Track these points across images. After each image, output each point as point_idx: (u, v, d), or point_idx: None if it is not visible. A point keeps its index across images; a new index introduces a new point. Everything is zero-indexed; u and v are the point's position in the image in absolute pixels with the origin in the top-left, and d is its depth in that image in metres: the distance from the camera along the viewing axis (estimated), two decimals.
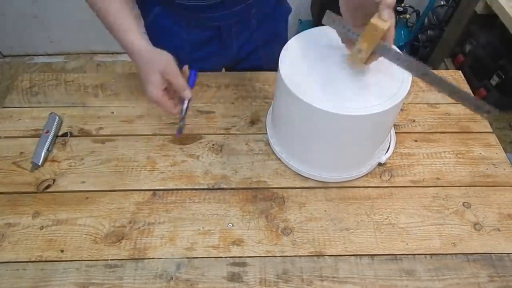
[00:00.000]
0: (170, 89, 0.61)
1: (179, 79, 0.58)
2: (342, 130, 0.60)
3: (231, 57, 0.89)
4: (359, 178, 0.70)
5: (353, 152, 0.66)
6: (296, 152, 0.69)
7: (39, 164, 0.70)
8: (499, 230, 0.63)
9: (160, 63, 0.57)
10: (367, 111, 0.55)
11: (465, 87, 0.87)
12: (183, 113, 0.58)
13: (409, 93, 0.85)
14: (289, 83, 0.58)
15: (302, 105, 0.57)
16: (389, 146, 0.72)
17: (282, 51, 0.63)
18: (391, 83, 0.60)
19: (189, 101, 0.59)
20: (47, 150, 0.72)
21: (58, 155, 0.73)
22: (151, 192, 0.68)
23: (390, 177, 0.70)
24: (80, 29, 2.07)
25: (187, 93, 0.59)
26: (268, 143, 0.75)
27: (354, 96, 0.58)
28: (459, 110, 0.82)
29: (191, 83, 0.68)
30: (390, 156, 0.71)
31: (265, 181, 0.69)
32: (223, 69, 0.96)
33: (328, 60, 0.62)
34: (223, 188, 0.68)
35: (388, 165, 0.72)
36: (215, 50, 0.86)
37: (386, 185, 0.69)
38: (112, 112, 0.80)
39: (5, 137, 0.76)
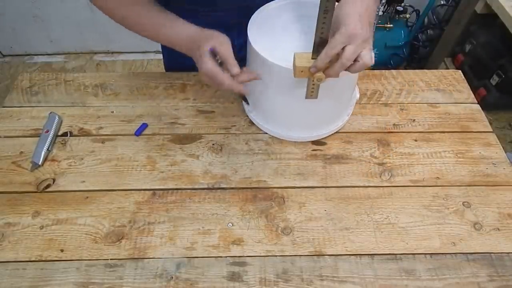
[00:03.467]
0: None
1: (230, 57, 0.56)
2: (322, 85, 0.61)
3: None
4: (358, 178, 0.70)
5: (328, 106, 0.70)
6: (273, 116, 0.72)
7: (39, 163, 0.70)
8: (499, 229, 0.63)
9: (216, 38, 0.57)
10: None
11: (465, 86, 0.87)
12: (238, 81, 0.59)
13: (408, 92, 0.86)
14: (257, 47, 0.61)
15: (271, 67, 0.60)
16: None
17: (252, 17, 0.67)
18: None
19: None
20: (47, 149, 0.72)
21: (58, 154, 0.73)
22: (151, 191, 0.68)
23: (390, 176, 0.70)
24: (80, 29, 2.07)
25: (234, 69, 0.56)
26: (268, 143, 0.75)
27: None
28: (459, 109, 0.82)
29: (138, 131, 0.76)
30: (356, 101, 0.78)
31: (265, 181, 0.69)
32: None
33: (293, 28, 0.66)
34: (223, 188, 0.68)
35: (388, 165, 0.72)
36: None
37: (386, 184, 0.69)
38: (112, 112, 0.80)
39: (5, 137, 0.76)
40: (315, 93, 0.61)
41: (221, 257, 0.60)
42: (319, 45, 0.53)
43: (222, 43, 0.57)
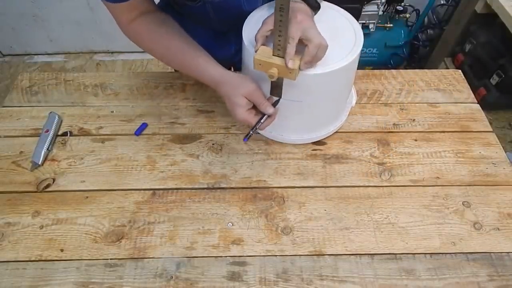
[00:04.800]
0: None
1: (262, 100, 0.60)
2: (319, 88, 0.63)
3: (228, 58, 0.89)
4: (358, 178, 0.70)
5: (328, 107, 0.71)
6: (276, 121, 0.71)
7: (39, 163, 0.70)
8: (498, 229, 0.63)
9: (246, 87, 0.60)
10: (335, 66, 0.59)
11: (465, 86, 0.87)
12: (258, 124, 0.61)
13: (408, 92, 0.86)
14: (252, 48, 0.60)
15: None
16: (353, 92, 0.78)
17: (247, 19, 0.67)
18: (346, 37, 0.64)
19: (267, 116, 0.62)
20: (47, 149, 0.72)
21: (58, 154, 0.73)
22: (151, 191, 0.68)
23: (390, 176, 0.70)
24: (80, 28, 2.07)
25: (269, 110, 0.61)
26: (268, 143, 0.75)
27: None
28: (459, 109, 0.82)
29: (138, 131, 0.76)
30: (356, 101, 0.79)
31: (265, 181, 0.69)
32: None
33: None
34: (223, 188, 0.68)
35: (388, 165, 0.72)
36: (212, 50, 0.86)
37: (386, 184, 0.69)
38: (112, 112, 0.80)
39: (5, 136, 0.76)
40: (278, 92, 0.61)
41: (221, 256, 0.60)
42: (279, 42, 0.54)
43: (252, 90, 0.60)
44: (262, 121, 0.61)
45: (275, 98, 0.63)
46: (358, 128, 0.78)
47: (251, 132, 0.61)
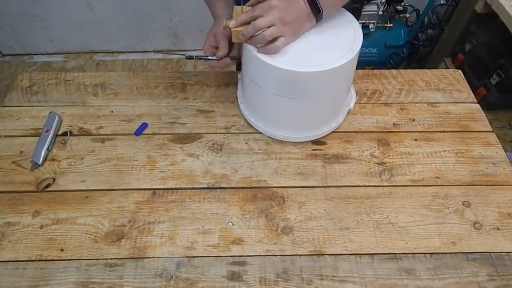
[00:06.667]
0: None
1: (221, 45, 0.70)
2: (318, 86, 0.64)
3: None
4: (358, 177, 0.70)
5: (327, 105, 0.71)
6: (267, 116, 0.73)
7: (39, 163, 0.70)
8: (498, 229, 0.63)
9: (216, 29, 0.70)
10: (335, 64, 0.60)
11: (465, 86, 0.87)
12: (204, 57, 0.72)
13: (408, 92, 0.86)
14: (254, 48, 0.63)
15: (267, 68, 0.61)
16: (352, 93, 0.78)
17: None
18: (345, 36, 0.65)
19: (217, 58, 0.71)
20: (47, 149, 0.72)
21: (58, 154, 0.73)
22: (151, 191, 0.68)
23: (390, 176, 0.70)
24: (80, 28, 2.07)
25: (219, 53, 0.70)
26: (268, 143, 0.75)
27: (319, 55, 0.62)
28: (459, 109, 0.82)
29: (138, 131, 0.77)
30: (356, 101, 0.79)
31: (265, 180, 0.69)
32: None
33: None
34: (223, 187, 0.68)
35: (388, 164, 0.72)
36: None
37: (386, 184, 0.69)
38: (112, 111, 0.80)
39: (5, 136, 0.76)
40: (239, 52, 0.71)
41: (221, 256, 0.60)
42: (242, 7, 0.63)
43: (218, 33, 0.69)
44: (208, 57, 0.71)
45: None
46: (358, 128, 0.78)
47: (194, 56, 0.73)
